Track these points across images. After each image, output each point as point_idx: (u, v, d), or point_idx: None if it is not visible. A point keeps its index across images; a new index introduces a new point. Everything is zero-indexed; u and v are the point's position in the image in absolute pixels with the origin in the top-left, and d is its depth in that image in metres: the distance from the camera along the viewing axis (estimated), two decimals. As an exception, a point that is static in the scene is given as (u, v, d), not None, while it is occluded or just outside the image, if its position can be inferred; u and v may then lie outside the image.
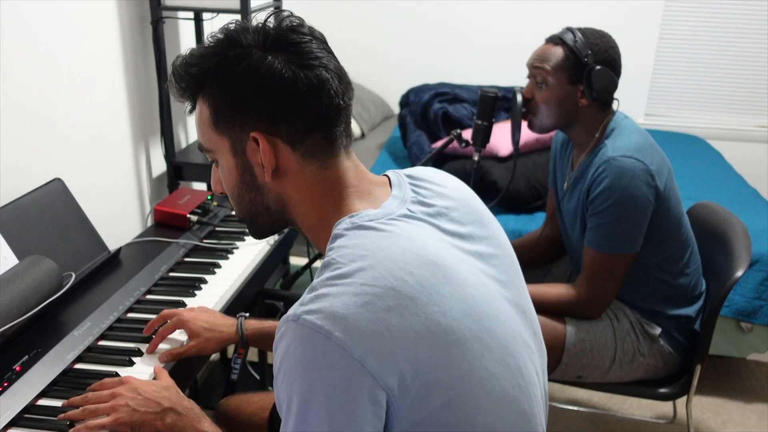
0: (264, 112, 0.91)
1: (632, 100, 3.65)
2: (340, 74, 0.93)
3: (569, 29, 1.71)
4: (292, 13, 0.95)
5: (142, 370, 1.27)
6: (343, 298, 0.81)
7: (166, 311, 1.36)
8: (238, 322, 1.35)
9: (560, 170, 1.90)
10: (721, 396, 2.44)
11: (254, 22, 0.93)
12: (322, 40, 0.95)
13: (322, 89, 0.90)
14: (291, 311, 0.83)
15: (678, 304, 1.76)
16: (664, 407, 2.37)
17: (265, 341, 1.36)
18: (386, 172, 1.04)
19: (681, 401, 1.93)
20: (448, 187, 1.02)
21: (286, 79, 0.89)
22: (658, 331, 1.76)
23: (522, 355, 0.93)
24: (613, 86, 1.69)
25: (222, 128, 0.94)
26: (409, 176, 1.02)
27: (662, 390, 1.81)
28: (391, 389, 0.80)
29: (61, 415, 1.12)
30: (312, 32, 0.94)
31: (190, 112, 0.98)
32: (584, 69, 1.67)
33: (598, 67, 1.66)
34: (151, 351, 1.32)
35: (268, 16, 0.94)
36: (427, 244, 0.89)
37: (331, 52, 0.95)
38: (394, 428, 0.82)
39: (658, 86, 3.77)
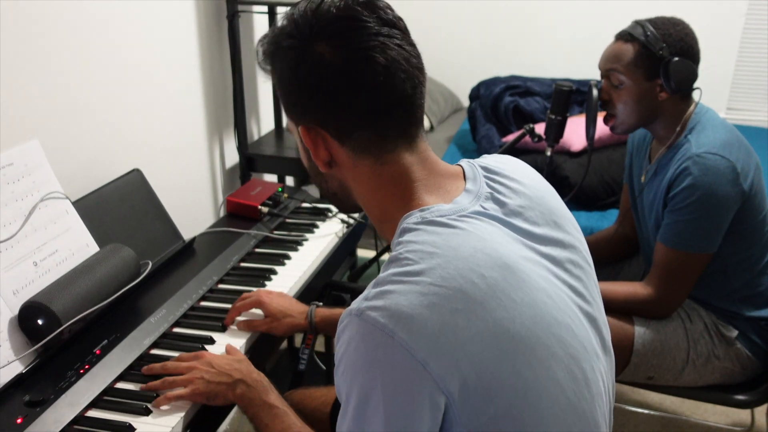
0: (311, 106, 0.89)
1: (714, 93, 3.50)
2: (394, 63, 0.86)
3: (638, 23, 1.64)
4: None
5: (216, 350, 1.32)
6: (409, 296, 0.78)
7: (246, 293, 1.44)
8: (309, 310, 1.41)
9: (637, 164, 1.84)
10: (804, 405, 2.33)
11: (315, 5, 0.88)
12: (388, 22, 0.88)
13: (367, 85, 0.86)
14: (355, 305, 0.81)
15: (757, 306, 1.69)
16: (741, 414, 2.28)
17: (333, 329, 1.38)
18: (460, 162, 0.99)
19: (760, 410, 1.85)
20: (525, 183, 0.97)
21: (327, 75, 0.86)
22: (734, 333, 1.69)
23: (590, 364, 0.90)
24: (693, 76, 1.62)
25: (289, 114, 0.95)
26: (484, 168, 0.97)
27: (739, 397, 1.73)
28: (451, 393, 0.78)
29: (144, 386, 1.19)
30: (377, 14, 0.88)
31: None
32: (660, 62, 1.61)
33: (676, 59, 1.59)
34: (229, 323, 1.40)
35: None
36: (499, 245, 0.86)
37: (392, 38, 0.87)
38: (451, 430, 0.80)
39: (741, 79, 3.61)
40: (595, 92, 1.74)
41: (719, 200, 1.55)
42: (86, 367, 1.21)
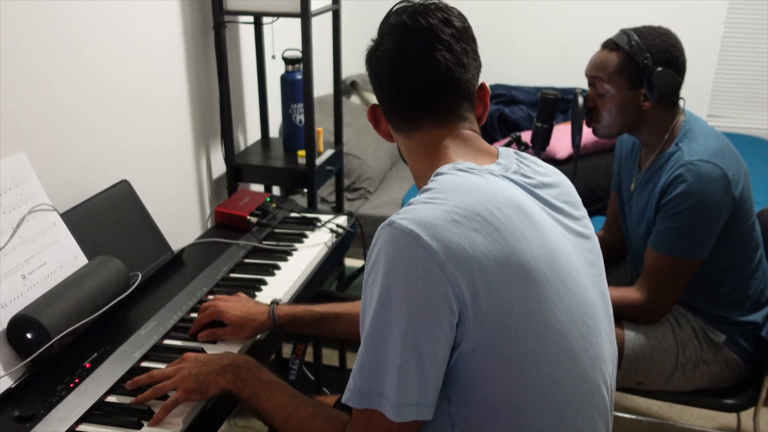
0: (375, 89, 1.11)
1: (694, 100, 3.54)
2: (421, 60, 1.02)
3: (624, 32, 1.66)
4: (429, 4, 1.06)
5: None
6: (435, 211, 0.89)
7: (205, 303, 1.42)
8: (270, 309, 1.39)
9: (626, 171, 1.86)
10: (789, 408, 2.36)
11: (397, 10, 1.09)
12: (415, 29, 1.03)
13: (387, 80, 1.06)
14: (387, 219, 0.92)
15: (745, 310, 1.71)
16: (727, 418, 2.30)
17: (297, 325, 1.41)
18: (497, 146, 1.11)
19: (746, 413, 1.87)
20: (550, 174, 1.09)
21: (370, 65, 1.09)
22: (722, 338, 1.71)
23: (594, 323, 0.96)
24: (677, 86, 1.64)
25: None
26: (518, 154, 1.09)
27: (727, 401, 1.75)
28: (465, 301, 0.85)
29: (134, 399, 1.17)
30: (413, 17, 1.04)
31: None
32: (644, 72, 1.63)
33: (659, 69, 1.61)
34: (192, 333, 1.38)
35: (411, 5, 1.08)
36: (518, 195, 0.96)
37: (417, 38, 1.03)
38: (462, 345, 0.87)
39: (721, 86, 3.67)
40: (580, 100, 1.76)
41: (712, 207, 1.57)
42: (76, 381, 1.19)
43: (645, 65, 1.61)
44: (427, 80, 1.03)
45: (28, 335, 1.20)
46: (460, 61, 1.04)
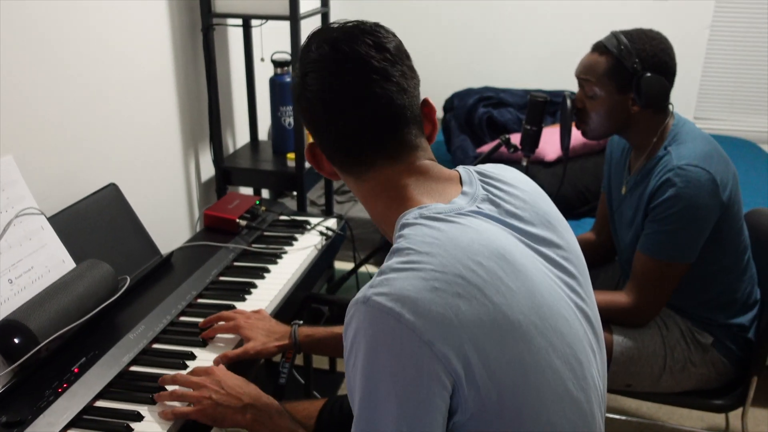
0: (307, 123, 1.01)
1: (681, 103, 3.57)
2: (359, 97, 0.93)
3: (614, 35, 1.66)
4: (364, 23, 0.98)
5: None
6: (413, 281, 0.81)
7: (224, 313, 1.41)
8: (292, 330, 1.38)
9: (616, 173, 1.87)
10: (776, 408, 2.38)
11: (326, 32, 0.98)
12: (342, 60, 0.94)
13: (324, 123, 0.97)
14: (360, 294, 0.83)
15: (732, 313, 1.72)
16: (716, 419, 2.32)
17: (316, 347, 1.40)
18: (457, 168, 1.03)
19: (734, 414, 1.88)
20: (520, 187, 1.01)
21: (299, 106, 1.00)
22: (709, 340, 1.72)
23: (585, 356, 0.92)
24: (665, 91, 1.65)
25: None
26: (480, 173, 1.01)
27: (716, 401, 1.76)
28: (457, 375, 0.80)
29: (155, 395, 1.18)
30: (337, 47, 0.94)
31: None
32: (633, 77, 1.63)
33: (648, 74, 1.61)
34: (207, 336, 1.37)
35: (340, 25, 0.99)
36: (496, 238, 0.89)
37: (347, 72, 0.94)
38: (457, 415, 0.82)
39: (707, 89, 3.69)
40: (569, 103, 1.76)
41: (700, 211, 1.58)
42: (64, 385, 1.19)
43: (634, 70, 1.62)
44: (369, 118, 0.94)
45: (16, 340, 1.19)
46: (401, 87, 0.95)
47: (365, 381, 0.81)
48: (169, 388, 1.21)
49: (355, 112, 0.94)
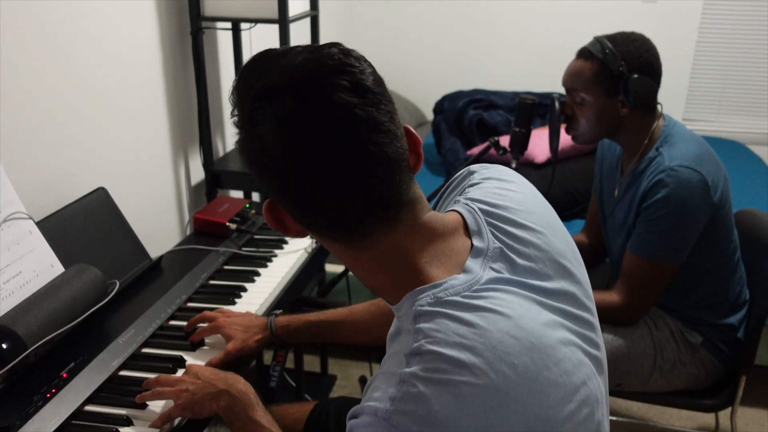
0: (280, 195, 0.82)
1: (670, 104, 3.59)
2: (351, 169, 0.75)
3: (598, 39, 1.67)
4: (333, 49, 0.80)
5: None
6: (441, 399, 0.71)
7: (207, 313, 1.42)
8: (269, 321, 1.39)
9: (607, 176, 1.88)
10: (767, 408, 2.39)
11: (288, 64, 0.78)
12: (318, 118, 0.74)
13: (305, 198, 0.78)
14: (379, 403, 0.73)
15: (722, 313, 1.73)
16: (706, 418, 2.33)
17: (295, 336, 1.40)
18: (456, 207, 0.90)
19: (724, 413, 1.89)
20: (530, 226, 0.88)
21: (259, 171, 0.80)
22: (699, 339, 1.73)
23: (601, 412, 0.86)
24: (653, 92, 1.66)
25: None
26: (485, 212, 0.87)
27: (705, 401, 1.77)
28: None
29: (137, 396, 1.19)
30: (308, 99, 0.75)
31: None
32: (620, 79, 1.64)
33: (635, 76, 1.63)
34: (194, 341, 1.38)
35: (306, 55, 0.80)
36: (524, 319, 0.78)
37: (327, 136, 0.74)
38: None
39: (696, 90, 3.72)
40: (557, 105, 1.77)
41: (691, 212, 1.59)
42: (53, 390, 1.18)
43: (620, 72, 1.63)
44: (365, 186, 0.77)
45: (4, 345, 1.18)
46: (391, 133, 0.78)
47: None
48: None
49: (346, 182, 0.76)
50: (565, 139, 2.61)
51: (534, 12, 3.72)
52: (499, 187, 0.93)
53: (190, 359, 1.33)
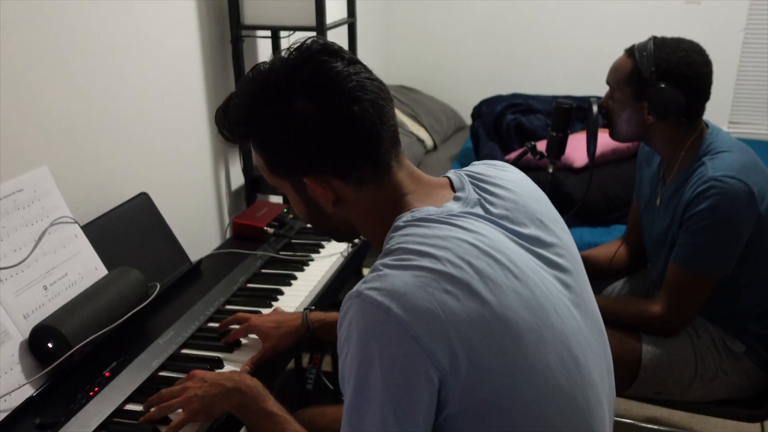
0: (307, 158, 0.95)
1: (716, 108, 3.51)
2: (373, 96, 0.94)
3: (649, 39, 1.64)
4: (316, 40, 0.96)
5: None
6: (402, 278, 0.84)
7: (240, 314, 1.44)
8: (304, 314, 1.41)
9: (649, 184, 1.85)
10: (814, 418, 2.32)
11: (278, 62, 0.95)
12: (350, 61, 0.95)
13: (355, 126, 0.92)
14: (354, 288, 0.87)
15: (765, 323, 1.69)
16: (751, 428, 2.27)
17: (329, 331, 1.41)
18: (447, 173, 1.05)
19: (769, 423, 1.84)
20: (511, 188, 1.02)
21: (317, 125, 0.92)
22: (741, 348, 1.69)
23: (581, 351, 0.93)
24: (678, 106, 1.59)
25: (279, 173, 1.01)
26: (470, 176, 1.03)
27: (748, 411, 1.73)
28: (444, 369, 0.82)
29: (142, 418, 1.17)
30: (340, 56, 0.94)
31: (240, 152, 1.05)
32: (647, 85, 1.61)
33: (662, 85, 1.59)
34: (230, 340, 1.40)
35: (291, 52, 0.95)
36: (485, 237, 0.91)
37: (360, 73, 0.94)
38: (446, 410, 0.85)
39: (742, 93, 3.63)
40: (595, 109, 1.76)
41: (735, 224, 1.55)
42: (96, 389, 1.22)
43: (649, 78, 1.60)
44: (384, 111, 0.95)
45: (50, 344, 1.23)
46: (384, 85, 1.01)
47: (356, 370, 0.84)
48: None
49: (374, 114, 0.94)
50: (604, 144, 2.58)
51: (574, 15, 3.69)
52: (488, 167, 1.08)
53: (227, 360, 1.36)
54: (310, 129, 0.92)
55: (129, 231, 1.61)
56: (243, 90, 0.99)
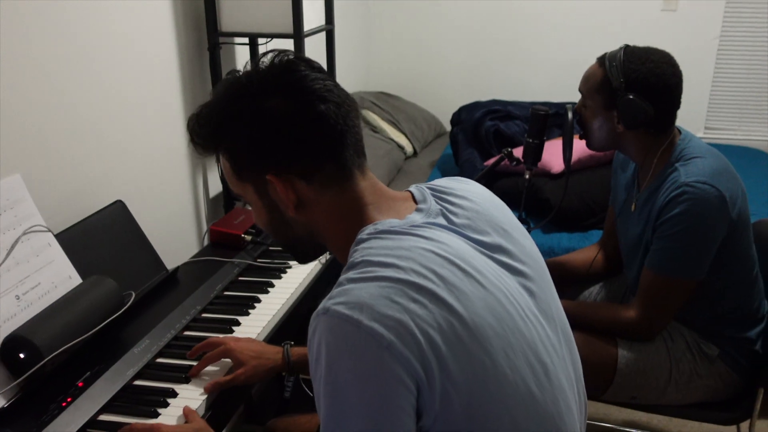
0: (273, 155, 0.96)
1: (691, 113, 3.56)
2: (339, 100, 0.96)
3: (620, 49, 1.65)
4: (286, 51, 1.00)
5: (191, 395, 1.29)
6: (368, 289, 0.84)
7: (213, 338, 1.38)
8: (284, 349, 1.37)
9: (623, 190, 1.86)
10: (788, 420, 2.35)
11: (250, 67, 0.99)
12: (318, 69, 0.99)
13: (322, 123, 0.94)
14: (320, 306, 0.86)
15: (739, 327, 1.70)
16: (728, 430, 2.29)
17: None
18: (409, 188, 1.06)
19: (746, 425, 1.86)
20: (471, 199, 1.04)
21: (285, 120, 0.94)
22: (716, 351, 1.70)
23: (550, 360, 0.94)
24: (646, 116, 1.61)
25: (244, 177, 1.00)
26: (432, 189, 1.05)
27: (723, 414, 1.75)
28: (420, 377, 0.82)
29: None
30: (309, 64, 0.99)
31: (217, 162, 1.05)
32: (616, 95, 1.62)
33: (630, 96, 1.60)
34: (194, 374, 1.33)
35: (261, 57, 0.99)
36: (449, 246, 0.92)
37: (326, 80, 0.97)
38: (423, 419, 0.84)
39: (718, 99, 3.69)
40: (570, 115, 1.77)
41: (708, 228, 1.57)
42: (69, 399, 1.21)
43: (617, 89, 1.62)
44: (349, 116, 0.98)
45: (21, 355, 1.22)
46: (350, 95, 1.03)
47: (330, 388, 0.83)
48: None
49: (339, 115, 0.96)
50: (581, 150, 2.60)
51: (552, 23, 3.72)
52: (450, 181, 1.09)
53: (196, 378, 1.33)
54: (278, 124, 0.94)
55: (104, 239, 1.59)
56: (215, 93, 1.01)
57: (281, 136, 0.95)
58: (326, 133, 0.95)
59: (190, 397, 1.28)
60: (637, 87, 1.60)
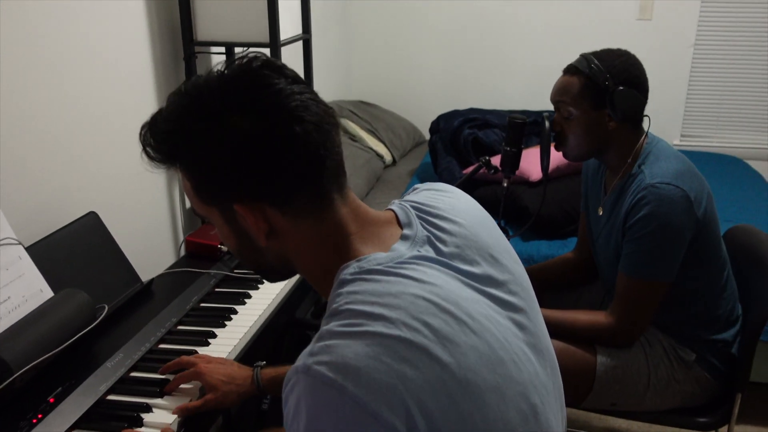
0: (241, 181, 0.85)
1: (667, 121, 3.60)
2: (318, 119, 0.85)
3: (583, 56, 1.69)
4: (257, 55, 0.88)
5: (165, 410, 1.27)
6: (355, 348, 0.76)
7: (184, 358, 1.35)
8: (254, 372, 1.33)
9: (593, 194, 1.88)
10: (765, 425, 2.36)
11: (216, 74, 0.87)
12: (294, 79, 0.87)
13: (297, 147, 0.83)
14: (300, 361, 0.78)
15: (714, 329, 1.72)
16: (707, 436, 2.30)
17: (281, 388, 1.35)
18: (391, 206, 0.98)
19: (725, 430, 1.87)
20: (458, 221, 0.96)
21: (254, 144, 0.83)
22: (692, 356, 1.71)
23: (539, 398, 0.90)
24: (640, 104, 1.66)
25: (207, 200, 0.91)
26: (416, 208, 0.96)
27: (701, 419, 1.76)
28: None
29: None
30: (282, 73, 0.87)
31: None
32: (606, 92, 1.65)
33: (621, 88, 1.63)
34: (169, 391, 1.31)
35: (227, 65, 0.87)
36: (440, 288, 0.84)
37: (303, 93, 0.86)
38: None
39: (693, 106, 3.72)
40: (547, 124, 1.78)
41: (675, 229, 1.59)
42: (39, 416, 1.18)
43: (606, 86, 1.64)
44: (328, 137, 0.87)
45: (-10, 371, 1.19)
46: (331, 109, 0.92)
47: None
48: None
49: (316, 137, 0.86)
50: (560, 158, 2.61)
51: (529, 32, 3.75)
52: (434, 194, 1.01)
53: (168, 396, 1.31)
54: (244, 148, 0.83)
55: (77, 251, 1.57)
56: (173, 104, 0.88)
57: (247, 163, 0.83)
58: (302, 159, 0.84)
59: (165, 411, 1.26)
60: (623, 79, 1.64)
